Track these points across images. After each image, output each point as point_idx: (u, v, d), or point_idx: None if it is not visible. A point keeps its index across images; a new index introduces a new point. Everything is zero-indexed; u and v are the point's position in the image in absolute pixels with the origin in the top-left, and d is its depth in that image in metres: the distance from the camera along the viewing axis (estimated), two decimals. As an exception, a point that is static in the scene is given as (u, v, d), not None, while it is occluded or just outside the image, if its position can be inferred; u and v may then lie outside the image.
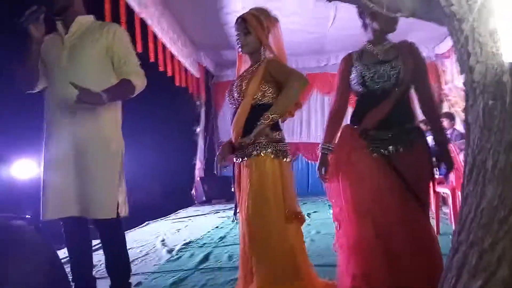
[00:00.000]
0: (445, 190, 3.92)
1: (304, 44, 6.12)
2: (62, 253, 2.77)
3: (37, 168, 4.26)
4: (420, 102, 2.11)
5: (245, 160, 2.05)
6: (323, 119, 7.65)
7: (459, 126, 5.98)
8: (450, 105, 7.12)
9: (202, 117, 7.27)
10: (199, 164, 6.91)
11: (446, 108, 7.08)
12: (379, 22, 2.05)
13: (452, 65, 6.89)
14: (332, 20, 5.18)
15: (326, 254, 3.23)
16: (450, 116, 5.97)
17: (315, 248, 3.48)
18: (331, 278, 2.28)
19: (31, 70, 2.05)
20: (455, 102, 6.95)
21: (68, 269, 2.14)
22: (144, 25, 4.30)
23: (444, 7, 1.15)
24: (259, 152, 2.00)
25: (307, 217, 5.22)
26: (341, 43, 6.13)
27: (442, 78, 7.38)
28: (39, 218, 2.02)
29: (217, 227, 4.88)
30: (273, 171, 2.00)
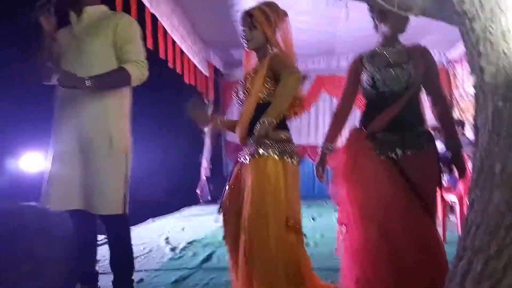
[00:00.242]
0: (452, 198, 3.86)
1: (314, 44, 6.06)
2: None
3: (44, 161, 4.27)
4: (433, 105, 2.08)
5: (248, 160, 1.96)
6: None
7: (469, 134, 5.89)
8: (460, 111, 7.03)
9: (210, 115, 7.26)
10: (205, 163, 6.90)
11: (456, 115, 6.99)
12: (388, 22, 2.02)
13: (464, 71, 6.81)
14: (344, 21, 5.13)
15: (330, 257, 3.20)
16: (460, 123, 5.89)
17: (319, 251, 3.45)
18: (334, 281, 2.25)
19: (45, 62, 2.04)
20: (466, 108, 6.86)
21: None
22: (155, 21, 4.30)
23: (456, 6, 1.12)
24: (262, 153, 1.91)
25: (311, 220, 5.19)
26: (352, 44, 6.05)
27: (453, 84, 7.30)
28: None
29: (221, 226, 4.85)
30: (275, 174, 1.88)
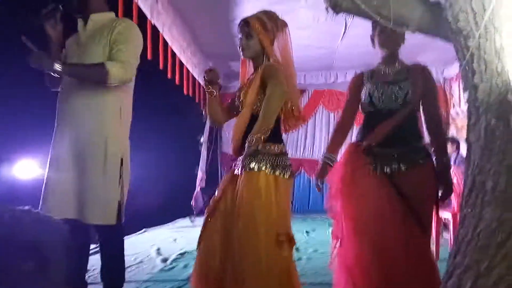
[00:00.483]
0: (446, 215, 3.85)
1: (313, 59, 6.10)
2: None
3: (39, 168, 4.26)
4: (426, 124, 2.12)
5: (240, 172, 1.92)
6: (328, 136, 7.59)
7: (463, 151, 5.92)
8: (457, 129, 7.07)
9: (207, 127, 7.27)
10: (200, 175, 6.87)
11: (453, 132, 7.02)
12: (383, 41, 2.06)
13: (460, 89, 6.86)
14: (342, 37, 5.18)
15: (323, 272, 3.18)
16: (454, 141, 5.92)
17: (312, 266, 3.42)
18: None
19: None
20: (462, 126, 6.90)
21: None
22: (155, 32, 4.32)
23: (451, 23, 1.13)
24: (253, 167, 1.86)
25: (305, 234, 5.15)
26: (350, 61, 6.11)
27: (449, 102, 7.34)
28: None
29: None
30: (266, 188, 1.84)
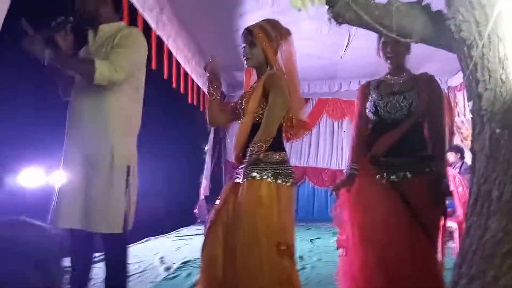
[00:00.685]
0: (451, 224, 3.83)
1: (316, 69, 6.13)
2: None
3: (44, 176, 4.28)
4: (429, 133, 2.12)
5: (241, 181, 1.91)
6: (332, 145, 7.59)
7: (469, 160, 5.89)
8: (462, 138, 7.05)
9: (211, 136, 7.28)
10: (204, 183, 6.88)
11: (458, 141, 7.00)
12: (386, 50, 2.08)
13: (465, 98, 6.85)
14: (345, 48, 5.21)
15: (326, 282, 3.16)
16: (458, 150, 5.90)
17: (316, 275, 3.41)
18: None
19: (64, 79, 2.05)
20: (467, 135, 6.88)
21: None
22: (160, 42, 4.36)
23: (454, 33, 1.14)
24: (254, 176, 1.85)
25: (309, 243, 5.13)
26: (353, 70, 6.14)
27: (454, 111, 7.33)
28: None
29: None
30: (268, 197, 1.83)
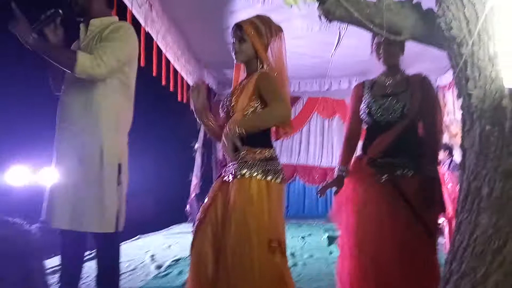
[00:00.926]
0: (441, 220, 3.86)
1: (307, 68, 6.13)
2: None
3: (31, 174, 4.23)
4: (424, 133, 2.13)
5: (230, 179, 1.90)
6: (322, 143, 7.63)
7: (457, 157, 5.95)
8: (450, 136, 7.11)
9: (201, 134, 7.26)
10: (195, 181, 6.85)
11: (446, 139, 7.06)
12: (380, 52, 2.10)
13: (454, 97, 6.90)
14: (336, 46, 5.22)
15: (318, 278, 3.18)
16: (447, 147, 5.96)
17: (307, 272, 3.42)
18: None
19: (55, 73, 2.02)
20: (455, 133, 6.95)
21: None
22: (150, 39, 4.32)
23: (444, 31, 1.14)
24: (244, 173, 1.84)
25: (301, 240, 5.15)
26: (344, 69, 6.15)
27: (443, 110, 7.39)
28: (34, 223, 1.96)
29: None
30: (258, 194, 1.82)
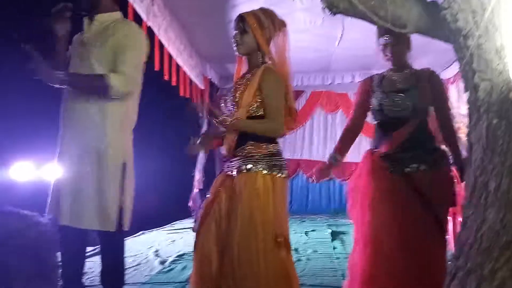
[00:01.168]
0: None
1: (310, 62, 6.10)
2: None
3: (36, 170, 4.24)
4: (440, 127, 2.15)
5: (234, 174, 1.89)
6: (326, 137, 7.61)
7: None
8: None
9: (204, 129, 7.25)
10: (198, 176, 6.85)
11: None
12: (387, 51, 2.10)
13: (458, 91, 6.87)
14: (339, 40, 5.18)
15: (322, 274, 3.18)
16: None
17: (311, 267, 3.41)
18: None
19: (56, 66, 2.00)
20: (458, 128, 6.91)
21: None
22: (151, 34, 4.31)
23: (450, 23, 1.12)
24: (249, 168, 1.85)
25: (304, 235, 5.14)
26: (347, 63, 6.12)
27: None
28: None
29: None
30: (264, 189, 1.83)
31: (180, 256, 3.85)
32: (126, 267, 3.27)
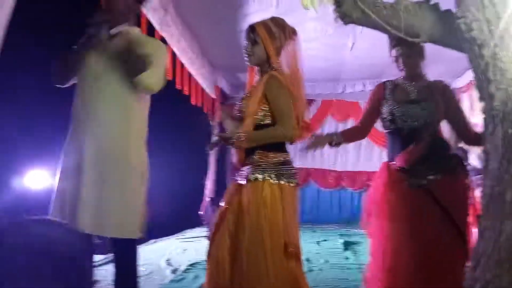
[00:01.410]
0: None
1: (321, 70, 6.10)
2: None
3: (50, 178, 4.27)
4: (461, 137, 2.15)
5: (244, 183, 1.89)
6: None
7: (473, 161, 5.83)
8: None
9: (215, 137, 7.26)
10: (209, 185, 6.87)
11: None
12: (400, 61, 2.09)
13: (470, 100, 6.80)
14: (350, 49, 5.18)
15: (334, 285, 3.14)
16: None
17: (322, 277, 3.39)
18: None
19: (70, 69, 2.02)
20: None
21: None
22: (164, 43, 4.36)
23: (464, 32, 1.12)
24: (257, 177, 1.84)
25: (316, 245, 5.11)
26: (358, 72, 6.11)
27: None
28: None
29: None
30: (272, 198, 1.81)
31: (192, 265, 3.86)
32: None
